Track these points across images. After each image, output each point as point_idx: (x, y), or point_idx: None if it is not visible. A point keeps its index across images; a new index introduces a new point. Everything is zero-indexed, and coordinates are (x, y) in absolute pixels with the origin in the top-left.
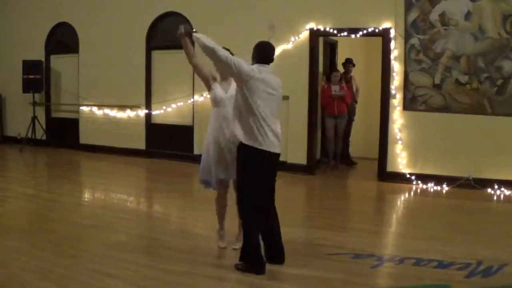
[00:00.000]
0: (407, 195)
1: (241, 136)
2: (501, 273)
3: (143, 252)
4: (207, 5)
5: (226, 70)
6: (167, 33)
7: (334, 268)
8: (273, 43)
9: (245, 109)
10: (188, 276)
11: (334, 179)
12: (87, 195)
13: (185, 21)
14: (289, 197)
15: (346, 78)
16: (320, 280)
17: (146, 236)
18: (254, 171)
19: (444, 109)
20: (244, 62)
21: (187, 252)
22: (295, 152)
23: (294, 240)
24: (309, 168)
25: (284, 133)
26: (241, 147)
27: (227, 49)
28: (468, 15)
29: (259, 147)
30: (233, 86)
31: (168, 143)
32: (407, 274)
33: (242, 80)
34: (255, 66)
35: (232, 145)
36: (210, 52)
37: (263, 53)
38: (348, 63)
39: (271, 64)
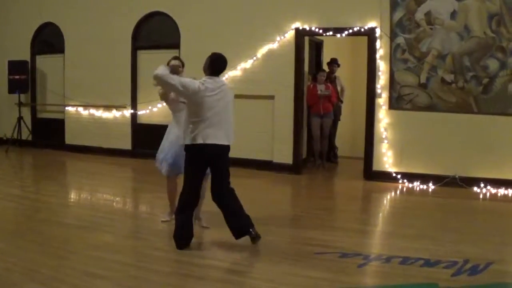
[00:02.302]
0: (393, 194)
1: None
2: (487, 271)
3: (130, 252)
4: (192, 5)
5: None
6: (153, 33)
7: (321, 267)
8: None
9: None
10: (175, 276)
11: (320, 179)
12: (73, 196)
13: (171, 20)
14: (275, 197)
15: (331, 78)
16: (307, 279)
17: (133, 236)
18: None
19: (430, 108)
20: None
21: (174, 252)
22: (281, 151)
23: (281, 239)
24: (295, 168)
25: (270, 133)
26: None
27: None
28: (453, 14)
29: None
30: None
31: (154, 143)
32: (393, 273)
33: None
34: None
35: None
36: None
37: (213, 67)
38: (333, 63)
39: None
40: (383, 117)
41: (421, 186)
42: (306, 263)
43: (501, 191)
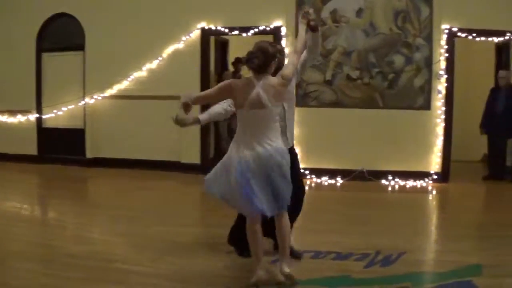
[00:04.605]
0: None
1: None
2: (400, 261)
3: (41, 260)
4: (99, 6)
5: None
6: (58, 34)
7: (234, 265)
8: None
9: None
10: (88, 282)
11: None
12: None
13: (76, 22)
14: (183, 197)
15: (236, 77)
16: (221, 278)
17: (43, 243)
18: None
19: (336, 104)
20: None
21: (85, 258)
22: (189, 151)
23: (194, 240)
24: (203, 168)
25: (177, 133)
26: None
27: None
28: (359, 12)
29: None
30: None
31: (61, 147)
32: (306, 268)
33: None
34: None
35: None
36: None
37: None
38: (238, 62)
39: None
40: None
41: (330, 181)
42: (219, 262)
43: (410, 183)
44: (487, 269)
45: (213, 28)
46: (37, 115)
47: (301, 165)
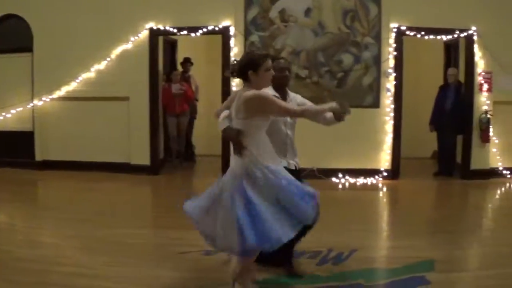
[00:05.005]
0: None
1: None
2: (352, 258)
3: None
4: (47, 8)
5: None
6: (6, 36)
7: (187, 266)
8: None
9: None
10: (38, 286)
11: (179, 178)
12: None
13: (24, 23)
14: (134, 199)
15: (185, 77)
16: (173, 280)
17: None
18: None
19: None
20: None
21: (35, 261)
22: (139, 152)
23: (144, 241)
24: (153, 168)
25: (126, 134)
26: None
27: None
28: (308, 12)
29: None
30: None
31: (9, 150)
32: (259, 267)
33: None
34: None
35: None
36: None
37: None
38: (186, 62)
39: None
40: None
41: None
42: (170, 263)
43: (360, 181)
44: (439, 264)
45: (162, 28)
46: None
47: None
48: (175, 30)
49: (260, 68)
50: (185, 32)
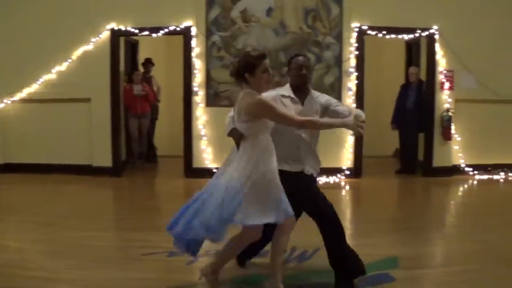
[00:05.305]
0: None
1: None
2: (316, 256)
3: None
4: (6, 8)
5: None
6: None
7: (150, 268)
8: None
9: None
10: None
11: (141, 179)
12: None
13: None
14: (96, 201)
15: (146, 77)
16: (137, 281)
17: None
18: None
19: None
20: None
21: (1, 266)
22: (100, 154)
23: (107, 244)
24: (115, 170)
25: (88, 136)
26: None
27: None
28: (269, 11)
29: None
30: None
31: None
32: (223, 268)
33: None
34: None
35: None
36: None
37: None
38: (147, 62)
39: None
40: (201, 114)
41: None
42: (134, 265)
43: (322, 179)
44: (403, 261)
45: (123, 28)
46: None
47: (214, 165)
48: (136, 31)
49: (257, 69)
50: (146, 32)
